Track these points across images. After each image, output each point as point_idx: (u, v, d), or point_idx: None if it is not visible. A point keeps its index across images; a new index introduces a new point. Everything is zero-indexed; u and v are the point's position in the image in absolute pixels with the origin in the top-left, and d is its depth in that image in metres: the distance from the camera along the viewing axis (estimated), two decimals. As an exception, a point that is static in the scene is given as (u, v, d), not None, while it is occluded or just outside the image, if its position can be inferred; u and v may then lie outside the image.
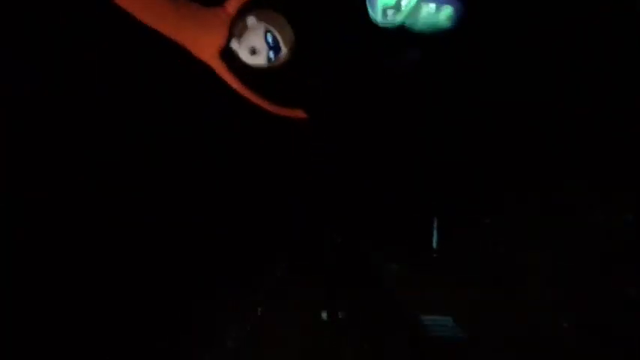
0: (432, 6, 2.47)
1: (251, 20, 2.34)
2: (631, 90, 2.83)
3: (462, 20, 2.58)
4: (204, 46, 2.34)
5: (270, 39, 2.37)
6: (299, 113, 2.73)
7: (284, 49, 2.42)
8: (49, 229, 2.78)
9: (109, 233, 3.11)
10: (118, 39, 2.71)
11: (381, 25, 2.52)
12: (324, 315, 3.69)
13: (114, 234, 3.15)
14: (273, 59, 2.43)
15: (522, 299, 3.11)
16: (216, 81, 2.52)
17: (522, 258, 3.39)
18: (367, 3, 2.53)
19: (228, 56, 2.40)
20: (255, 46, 2.37)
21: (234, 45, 2.38)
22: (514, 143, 3.51)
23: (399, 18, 2.50)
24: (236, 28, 2.34)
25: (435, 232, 4.37)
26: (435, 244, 4.36)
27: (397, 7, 2.48)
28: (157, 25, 2.25)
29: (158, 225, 3.54)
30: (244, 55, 2.40)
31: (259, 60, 2.43)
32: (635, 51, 2.77)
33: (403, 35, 2.63)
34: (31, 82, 2.54)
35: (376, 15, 2.49)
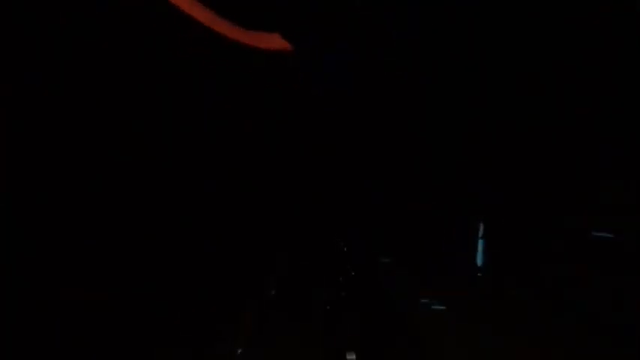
0: None
1: None
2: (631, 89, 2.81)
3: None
4: None
5: None
6: (277, 40, 2.16)
7: None
8: (49, 227, 2.78)
9: (107, 232, 3.12)
10: (117, 39, 2.71)
11: None
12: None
13: (112, 233, 3.15)
14: None
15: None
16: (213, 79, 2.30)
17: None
18: None
19: None
20: None
21: None
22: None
23: None
24: None
25: (480, 244, 3.46)
26: (479, 261, 3.48)
27: None
28: None
29: (158, 226, 3.53)
30: None
31: None
32: (635, 51, 2.77)
33: None
34: (31, 82, 2.55)
35: None
